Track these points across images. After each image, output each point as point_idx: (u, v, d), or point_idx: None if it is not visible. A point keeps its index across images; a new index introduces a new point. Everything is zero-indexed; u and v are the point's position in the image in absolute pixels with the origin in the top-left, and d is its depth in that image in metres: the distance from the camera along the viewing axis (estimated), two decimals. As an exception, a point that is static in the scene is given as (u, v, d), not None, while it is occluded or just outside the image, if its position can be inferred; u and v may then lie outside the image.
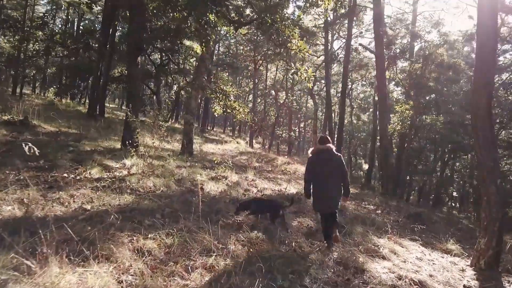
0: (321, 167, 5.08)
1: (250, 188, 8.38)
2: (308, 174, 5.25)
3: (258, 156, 21.29)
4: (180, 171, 8.44)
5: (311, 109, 33.02)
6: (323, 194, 5.09)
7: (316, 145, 5.35)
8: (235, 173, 9.54)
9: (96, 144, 10.16)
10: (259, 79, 32.97)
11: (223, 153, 19.10)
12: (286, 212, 6.17)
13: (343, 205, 8.58)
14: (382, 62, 13.78)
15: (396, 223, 8.26)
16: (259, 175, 10.64)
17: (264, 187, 8.90)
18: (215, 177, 8.57)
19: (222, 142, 23.69)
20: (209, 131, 28.70)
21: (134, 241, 4.07)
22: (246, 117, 8.49)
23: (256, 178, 9.48)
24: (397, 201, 12.45)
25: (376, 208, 10.10)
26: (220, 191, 7.44)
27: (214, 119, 35.04)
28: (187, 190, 7.07)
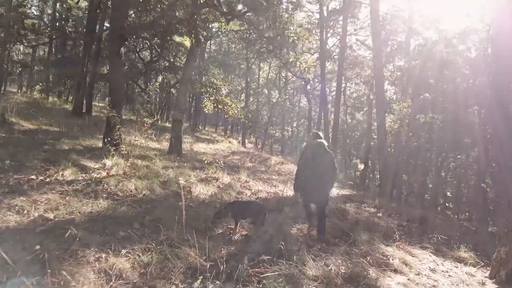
0: (313, 162, 5.16)
1: (243, 191, 7.62)
2: (301, 170, 5.33)
3: (251, 156, 20.56)
4: (166, 172, 7.64)
5: (304, 108, 32.40)
6: (315, 188, 5.17)
7: (309, 141, 5.52)
8: (227, 174, 8.77)
9: (76, 142, 9.29)
10: (251, 77, 32.23)
11: (214, 152, 18.34)
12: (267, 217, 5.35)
13: (344, 210, 7.92)
14: (379, 57, 13.15)
15: (400, 227, 7.58)
16: (252, 176, 9.89)
17: (259, 189, 8.15)
18: (205, 178, 7.79)
19: (213, 141, 22.90)
20: (200, 131, 27.86)
21: (102, 260, 3.28)
22: (239, 113, 7.73)
23: (250, 179, 8.73)
24: (396, 203, 11.84)
25: (376, 211, 9.43)
26: (211, 195, 6.66)
27: (206, 119, 34.16)
28: (172, 193, 6.28)
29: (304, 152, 5.47)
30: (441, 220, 10.72)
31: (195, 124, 25.67)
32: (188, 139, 21.59)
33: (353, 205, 9.43)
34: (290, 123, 33.61)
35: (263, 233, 4.94)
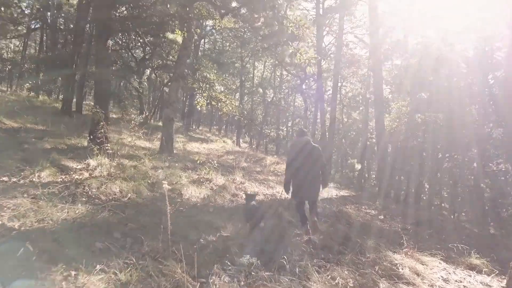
0: (300, 159, 5.16)
1: (238, 193, 7.08)
2: (289, 169, 5.36)
3: (246, 156, 20.05)
4: (155, 172, 7.07)
5: (299, 108, 31.95)
6: (303, 184, 5.14)
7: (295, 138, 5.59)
8: (221, 175, 8.23)
9: (60, 141, 8.70)
10: (246, 77, 31.67)
11: (208, 152, 17.82)
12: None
13: (345, 212, 7.43)
14: (378, 54, 12.70)
15: (405, 231, 7.10)
16: (248, 176, 9.36)
17: (255, 190, 7.61)
18: (197, 180, 7.23)
19: (207, 141, 22.35)
20: (194, 130, 27.24)
21: (72, 279, 2.72)
22: (234, 110, 7.16)
23: (245, 180, 8.20)
24: (395, 204, 11.40)
25: (377, 213, 8.96)
26: (203, 197, 6.11)
27: (200, 118, 33.49)
28: (161, 196, 5.72)
29: (291, 151, 5.53)
30: (443, 221, 10.29)
31: (188, 123, 25.01)
32: (181, 138, 20.99)
33: (353, 207, 8.96)
34: (285, 123, 33.05)
35: (262, 242, 4.42)
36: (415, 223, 7.82)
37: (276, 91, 27.93)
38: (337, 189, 11.67)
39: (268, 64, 31.43)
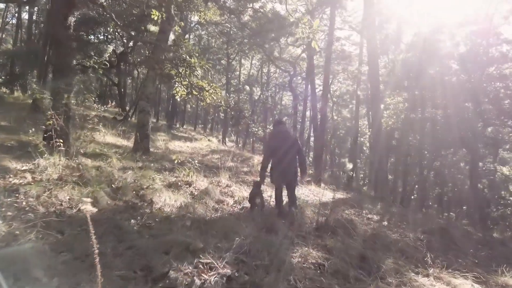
0: (278, 147, 5.24)
1: (224, 199, 5.81)
2: (267, 156, 5.46)
3: (232, 155, 18.86)
4: (124, 175, 5.74)
5: (287, 106, 30.89)
6: (281, 169, 5.23)
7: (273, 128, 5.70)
8: (204, 177, 6.96)
9: (11, 137, 7.25)
10: (232, 74, 30.37)
11: (192, 151, 16.58)
12: None
13: (350, 221, 6.26)
14: (374, 46, 11.65)
15: (419, 242, 5.98)
16: (235, 178, 8.10)
17: (243, 195, 6.36)
18: (174, 183, 5.93)
19: (191, 139, 21.01)
20: (177, 128, 25.77)
21: None
22: (219, 99, 5.89)
23: (232, 183, 6.93)
24: (395, 206, 10.37)
25: (380, 218, 7.85)
26: (180, 206, 4.82)
27: (184, 115, 31.97)
28: (125, 205, 4.42)
29: (269, 140, 5.77)
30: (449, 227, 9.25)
31: (172, 121, 23.54)
32: (162, 136, 19.61)
33: (353, 212, 7.83)
34: (273, 122, 31.97)
35: (254, 269, 3.18)
36: (428, 231, 6.71)
37: (264, 88, 26.72)
38: (332, 191, 10.54)
39: (255, 62, 30.27)
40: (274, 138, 5.50)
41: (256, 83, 27.28)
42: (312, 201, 7.88)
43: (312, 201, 7.88)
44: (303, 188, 9.39)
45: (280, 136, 5.41)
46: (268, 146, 5.57)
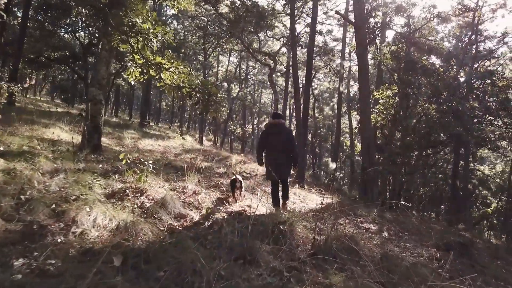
0: (272, 139, 5.26)
1: (186, 212, 4.22)
2: (261, 146, 5.51)
3: (208, 154, 17.28)
4: (50, 180, 4.07)
5: (266, 104, 29.47)
6: (274, 163, 5.13)
7: (269, 120, 5.56)
8: (165, 181, 5.35)
9: None
10: (210, 71, 28.67)
11: (164, 150, 14.91)
12: None
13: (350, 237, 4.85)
14: (363, 35, 10.38)
15: (438, 263, 4.64)
16: (206, 181, 6.53)
17: (215, 205, 4.80)
18: (119, 191, 4.29)
19: (165, 137, 19.22)
20: (150, 126, 23.79)
21: None
22: (182, 78, 4.33)
23: (201, 189, 5.34)
24: (389, 211, 9.09)
25: (379, 228, 6.50)
26: (116, 228, 3.21)
27: (159, 113, 29.90)
28: (22, 232, 2.78)
29: (264, 131, 5.55)
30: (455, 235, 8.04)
31: (144, 117, 21.56)
32: (132, 134, 17.72)
33: (347, 220, 6.43)
34: (251, 120, 30.45)
35: None
36: (444, 247, 5.38)
37: (242, 85, 25.15)
38: (319, 194, 9.15)
39: (233, 59, 28.76)
40: (267, 129, 5.46)
41: (234, 80, 25.65)
42: (300, 208, 6.44)
43: (300, 208, 6.44)
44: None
45: (274, 128, 5.32)
46: (261, 135, 5.58)
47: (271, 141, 5.25)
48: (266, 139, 5.34)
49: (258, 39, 17.37)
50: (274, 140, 5.23)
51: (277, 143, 5.21)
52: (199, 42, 24.45)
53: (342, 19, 18.64)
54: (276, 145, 5.22)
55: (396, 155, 10.68)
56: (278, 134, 5.25)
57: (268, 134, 5.33)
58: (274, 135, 5.25)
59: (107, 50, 6.50)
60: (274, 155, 5.24)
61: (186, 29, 27.12)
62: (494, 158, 21.26)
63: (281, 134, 5.26)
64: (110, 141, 13.15)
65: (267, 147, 5.35)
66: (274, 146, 5.23)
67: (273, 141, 5.24)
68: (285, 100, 20.61)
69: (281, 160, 5.22)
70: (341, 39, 20.17)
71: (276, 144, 5.22)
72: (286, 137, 5.26)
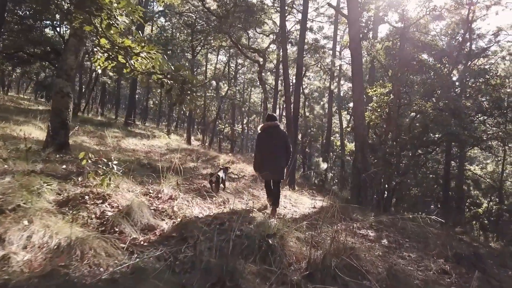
0: (268, 141, 5.27)
1: (156, 223, 3.48)
2: (258, 150, 5.42)
3: (196, 154, 16.49)
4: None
5: (256, 103, 28.80)
6: (269, 164, 5.21)
7: (265, 122, 5.48)
8: (138, 184, 4.61)
9: None
10: (198, 69, 27.78)
11: (148, 150, 14.12)
12: None
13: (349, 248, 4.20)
14: (357, 29, 9.79)
15: (450, 279, 4.01)
16: (187, 183, 5.80)
17: (193, 213, 4.08)
18: (76, 197, 3.53)
19: (150, 137, 18.33)
20: (135, 125, 22.83)
21: None
22: (153, 64, 3.59)
23: (178, 194, 4.59)
24: (384, 214, 8.50)
25: (377, 235, 5.87)
26: (55, 249, 2.45)
27: (146, 112, 28.86)
28: None
29: (260, 134, 5.44)
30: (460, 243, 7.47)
31: (129, 117, 20.60)
32: (115, 133, 16.83)
33: (343, 226, 5.78)
34: (241, 120, 29.68)
35: None
36: (448, 257, 4.78)
37: (231, 83, 24.35)
38: (312, 197, 8.50)
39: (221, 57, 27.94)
40: (262, 132, 5.40)
41: (223, 78, 24.80)
42: (292, 213, 5.77)
43: (292, 213, 5.77)
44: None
45: (268, 130, 5.33)
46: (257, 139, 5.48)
47: (267, 143, 5.26)
48: (262, 141, 5.33)
49: (247, 35, 16.68)
50: (270, 141, 5.27)
51: (273, 145, 5.26)
52: (187, 40, 23.58)
53: (333, 16, 18.09)
54: (272, 147, 5.25)
55: (391, 155, 10.13)
56: (274, 136, 5.29)
57: (264, 136, 5.32)
58: (270, 137, 5.28)
59: (76, 36, 5.71)
60: (270, 156, 5.24)
61: (174, 26, 26.23)
62: (484, 158, 21.03)
63: (277, 136, 5.30)
64: (90, 140, 12.31)
65: (263, 149, 5.31)
66: (270, 148, 5.25)
67: (269, 143, 5.26)
68: (275, 99, 19.95)
69: (276, 161, 5.26)
70: (331, 37, 19.65)
71: (272, 145, 5.25)
72: (282, 139, 5.31)
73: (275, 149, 5.23)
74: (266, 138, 5.29)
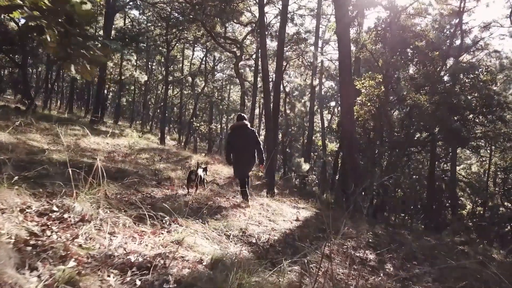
0: (238, 140, 5.52)
1: (14, 279, 1.88)
2: (228, 147, 5.80)
3: (167, 154, 14.81)
4: None
5: (236, 102, 27.24)
6: (239, 163, 5.56)
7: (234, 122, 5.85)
8: (40, 198, 2.98)
9: None
10: (174, 66, 25.95)
11: (112, 149, 12.45)
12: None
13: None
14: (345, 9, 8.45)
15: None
16: (127, 194, 4.18)
17: (108, 247, 2.49)
18: None
19: (117, 135, 16.48)
20: (103, 122, 20.75)
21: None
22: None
23: (100, 211, 2.98)
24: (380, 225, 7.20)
25: (378, 258, 4.48)
26: None
27: (119, 110, 26.65)
28: None
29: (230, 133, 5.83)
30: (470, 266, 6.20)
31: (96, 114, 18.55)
32: (76, 131, 14.88)
33: (336, 247, 4.36)
34: (220, 119, 28.03)
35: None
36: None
37: (208, 78, 22.64)
38: (294, 205, 7.06)
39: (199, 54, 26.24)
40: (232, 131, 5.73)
41: (199, 74, 23.06)
42: (268, 234, 4.25)
43: (268, 234, 4.25)
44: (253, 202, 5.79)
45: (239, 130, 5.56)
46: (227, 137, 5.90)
47: (237, 142, 5.49)
48: (232, 140, 5.60)
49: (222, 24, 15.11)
50: (240, 141, 5.47)
51: (242, 144, 5.47)
52: (162, 34, 21.77)
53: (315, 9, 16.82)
54: (241, 146, 5.47)
55: (380, 154, 8.87)
56: (244, 135, 5.49)
57: (234, 136, 5.61)
58: (240, 136, 5.49)
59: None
60: (240, 155, 5.50)
61: (148, 19, 24.34)
62: (466, 158, 20.37)
63: (246, 134, 5.51)
64: (42, 138, 10.48)
65: (233, 148, 5.56)
66: (240, 147, 5.48)
67: (239, 142, 5.47)
68: (254, 95, 18.48)
69: (245, 160, 5.50)
70: (313, 31, 18.39)
71: (241, 144, 5.47)
72: (251, 137, 5.52)
73: (246, 147, 5.41)
74: (237, 137, 5.49)
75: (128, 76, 24.94)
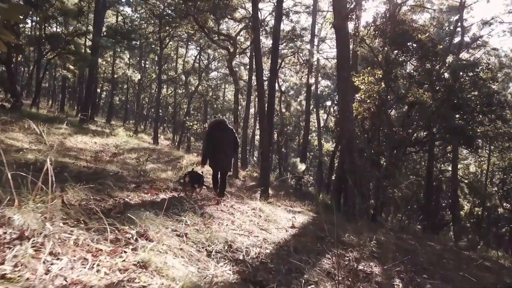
0: (217, 136, 5.54)
1: None
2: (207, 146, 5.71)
3: (158, 154, 14.22)
4: None
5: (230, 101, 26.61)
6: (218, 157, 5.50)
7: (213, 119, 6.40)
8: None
9: None
10: (167, 64, 25.28)
11: (100, 149, 11.90)
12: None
13: None
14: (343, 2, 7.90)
15: None
16: (96, 200, 3.58)
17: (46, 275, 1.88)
18: None
19: (107, 134, 15.82)
20: (93, 121, 20.03)
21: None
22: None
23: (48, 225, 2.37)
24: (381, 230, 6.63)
25: (384, 271, 3.91)
26: None
27: (111, 109, 25.90)
28: None
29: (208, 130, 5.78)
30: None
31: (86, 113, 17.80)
32: (62, 130, 14.17)
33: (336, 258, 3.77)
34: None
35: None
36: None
37: (202, 77, 21.99)
38: (289, 209, 6.48)
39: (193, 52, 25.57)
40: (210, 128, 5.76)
41: (193, 72, 22.41)
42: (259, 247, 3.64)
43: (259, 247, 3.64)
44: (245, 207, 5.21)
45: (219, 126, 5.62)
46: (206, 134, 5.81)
47: (216, 138, 5.50)
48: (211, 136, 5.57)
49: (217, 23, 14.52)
50: (219, 136, 5.50)
51: (221, 140, 5.49)
52: (155, 31, 21.10)
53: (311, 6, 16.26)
54: (220, 141, 5.49)
55: (380, 155, 8.34)
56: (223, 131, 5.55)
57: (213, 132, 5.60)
58: (219, 133, 5.53)
59: None
60: (218, 149, 5.46)
61: (142, 17, 23.64)
62: (462, 158, 19.97)
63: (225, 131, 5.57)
64: (25, 137, 9.83)
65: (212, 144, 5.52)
66: (219, 142, 5.48)
67: (218, 138, 5.50)
68: (249, 94, 17.89)
69: (224, 154, 5.51)
70: (309, 28, 17.83)
71: (220, 140, 5.49)
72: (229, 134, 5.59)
73: (225, 144, 5.48)
74: (216, 134, 5.51)
75: (121, 75, 24.23)
